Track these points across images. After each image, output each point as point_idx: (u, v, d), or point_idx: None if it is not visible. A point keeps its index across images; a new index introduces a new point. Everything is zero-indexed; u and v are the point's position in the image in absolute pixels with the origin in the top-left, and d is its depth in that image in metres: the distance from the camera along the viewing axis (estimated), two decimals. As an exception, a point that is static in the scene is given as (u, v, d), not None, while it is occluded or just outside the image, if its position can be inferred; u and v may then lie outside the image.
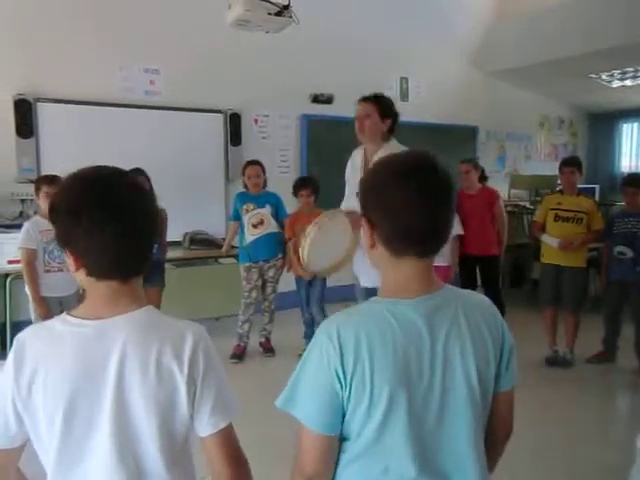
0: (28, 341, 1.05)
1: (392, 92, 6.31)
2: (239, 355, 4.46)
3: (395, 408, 1.01)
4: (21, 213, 4.51)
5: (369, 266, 1.17)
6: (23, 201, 4.52)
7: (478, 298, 1.17)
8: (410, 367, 1.02)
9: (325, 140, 5.88)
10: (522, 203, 6.86)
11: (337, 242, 2.65)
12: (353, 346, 1.01)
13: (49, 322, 1.08)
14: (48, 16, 4.58)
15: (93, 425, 1.02)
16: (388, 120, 2.94)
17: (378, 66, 6.09)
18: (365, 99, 3.00)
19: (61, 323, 1.05)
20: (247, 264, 4.47)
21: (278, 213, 4.53)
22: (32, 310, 3.49)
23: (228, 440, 1.08)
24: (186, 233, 5.06)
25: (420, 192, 1.03)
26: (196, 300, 4.64)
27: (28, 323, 3.54)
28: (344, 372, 1.00)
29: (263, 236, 4.43)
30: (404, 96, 6.50)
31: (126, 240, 1.03)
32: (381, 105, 2.95)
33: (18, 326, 4.34)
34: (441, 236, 1.09)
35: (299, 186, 4.48)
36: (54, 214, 1.05)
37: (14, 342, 1.06)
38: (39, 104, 4.57)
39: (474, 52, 6.94)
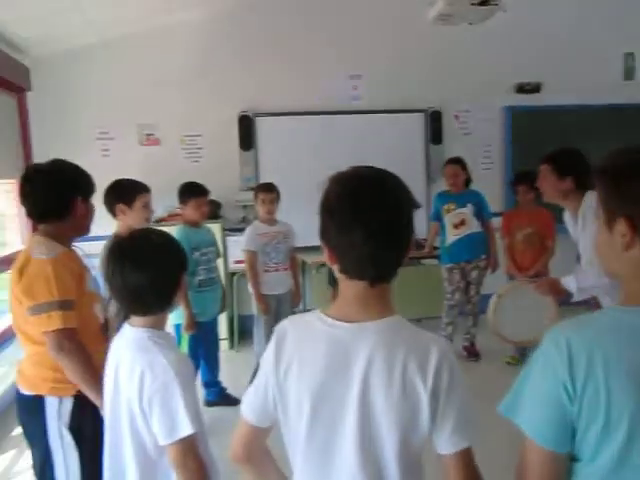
0: (289, 331, 1.12)
1: (614, 71, 5.62)
2: None
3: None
4: (244, 218, 5.05)
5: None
6: (245, 207, 5.05)
7: None
8: None
9: (532, 132, 5.46)
10: None
11: (534, 313, 2.54)
12: (585, 358, 0.91)
13: (306, 316, 1.14)
14: (263, 41, 5.04)
15: (338, 421, 1.05)
16: (568, 178, 2.52)
17: (594, 43, 5.44)
18: (543, 159, 2.63)
19: (318, 320, 1.09)
20: (449, 265, 4.37)
21: (481, 212, 4.35)
22: (254, 306, 3.86)
23: (467, 462, 1.05)
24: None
25: None
26: (398, 301, 4.61)
27: (251, 318, 4.00)
28: (573, 386, 0.91)
29: (465, 236, 4.30)
30: (629, 74, 5.70)
31: (373, 243, 1.01)
32: (556, 165, 2.56)
33: (243, 320, 4.88)
34: None
35: (516, 181, 4.24)
36: (320, 206, 1.08)
37: (276, 330, 1.15)
38: (257, 118, 5.07)
39: None
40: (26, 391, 1.82)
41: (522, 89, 5.57)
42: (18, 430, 3.32)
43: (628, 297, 0.98)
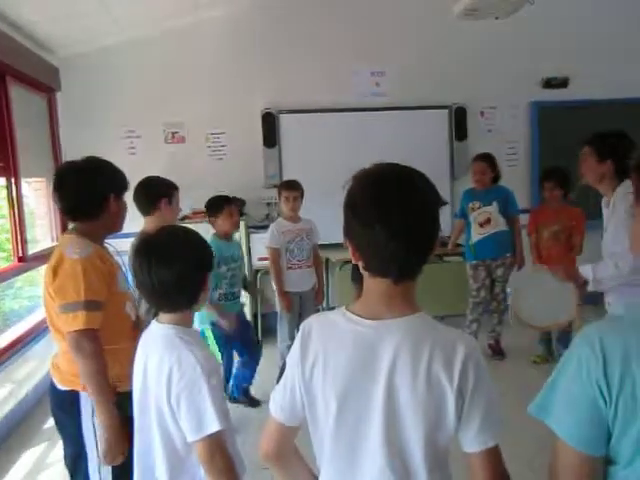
0: (314, 328, 1.12)
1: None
2: None
3: None
4: (267, 215, 5.07)
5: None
6: (269, 204, 5.08)
7: None
8: None
9: (559, 128, 5.36)
10: None
11: (554, 299, 2.59)
12: (620, 358, 0.89)
13: (331, 314, 1.14)
14: (285, 38, 5.06)
15: (364, 419, 1.05)
16: (607, 161, 2.47)
17: (623, 36, 5.30)
18: (585, 142, 2.58)
19: (342, 317, 1.09)
20: (474, 262, 4.33)
21: (507, 208, 4.29)
22: (277, 303, 3.87)
23: (495, 460, 1.04)
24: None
25: None
26: (421, 298, 4.57)
27: (274, 315, 4.02)
28: (608, 387, 0.89)
29: (491, 235, 4.25)
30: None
31: (396, 243, 1.00)
32: (596, 147, 2.52)
33: (266, 317, 4.91)
34: None
35: (543, 178, 4.16)
36: (344, 203, 1.08)
37: (301, 327, 1.15)
38: (281, 116, 5.08)
39: None
40: (61, 386, 1.84)
41: (549, 84, 5.47)
42: (49, 423, 3.42)
43: None
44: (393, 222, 1.00)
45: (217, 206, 3.49)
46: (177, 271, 1.40)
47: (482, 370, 1.03)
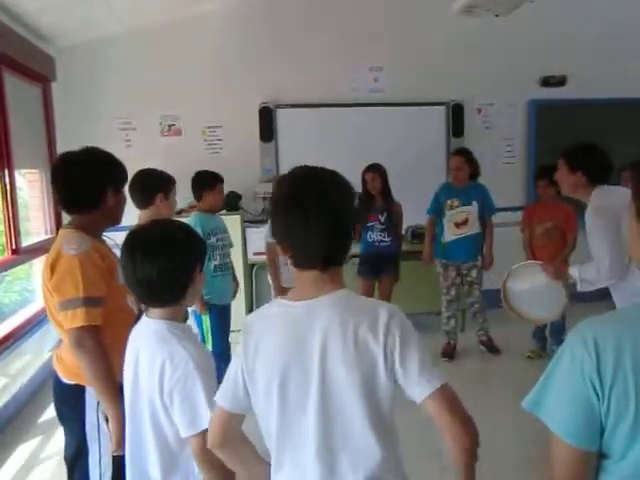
0: (252, 321, 1.22)
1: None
2: (449, 353, 4.33)
3: None
4: (263, 210, 5.05)
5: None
6: (265, 199, 5.05)
7: None
8: None
9: (556, 126, 5.36)
10: None
11: (543, 295, 2.85)
12: (613, 354, 0.90)
13: (267, 305, 1.23)
14: (284, 33, 5.02)
15: (304, 392, 1.12)
16: (578, 172, 2.54)
17: (621, 36, 5.31)
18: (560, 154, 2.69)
19: (277, 305, 1.20)
20: (443, 261, 4.29)
21: (485, 210, 4.22)
22: (273, 298, 3.84)
23: (449, 397, 1.10)
24: (408, 227, 5.10)
25: None
26: (399, 296, 4.49)
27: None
28: (601, 382, 0.90)
29: (465, 237, 4.19)
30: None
31: (315, 237, 1.11)
32: (567, 159, 2.61)
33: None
34: None
35: (537, 175, 4.14)
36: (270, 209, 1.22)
37: (243, 323, 1.23)
38: (279, 110, 5.06)
39: None
40: (66, 380, 1.83)
41: (547, 82, 5.48)
42: (44, 417, 3.40)
43: None
44: (310, 219, 1.11)
45: (210, 181, 3.48)
46: (159, 267, 1.37)
47: (406, 327, 1.12)
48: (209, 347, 3.35)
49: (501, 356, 4.36)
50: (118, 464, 1.57)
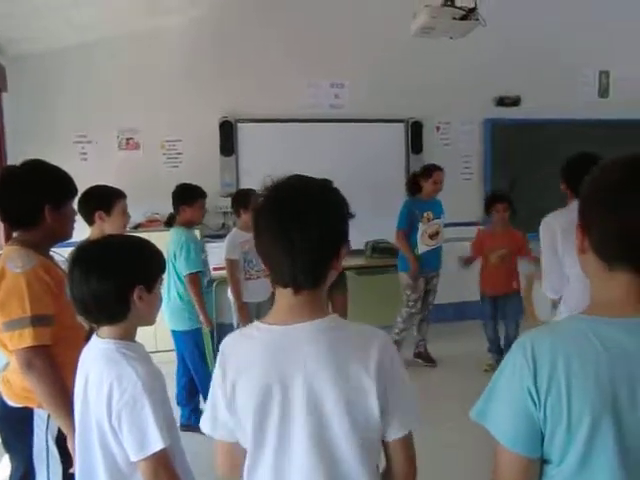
0: (229, 347, 1.17)
1: (589, 89, 5.75)
2: None
3: (599, 436, 0.92)
4: (223, 225, 5.00)
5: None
6: (225, 213, 5.01)
7: None
8: (619, 393, 0.91)
9: (512, 144, 5.57)
10: None
11: None
12: (548, 363, 0.95)
13: (246, 329, 1.19)
14: (242, 48, 5.02)
15: (286, 421, 1.08)
16: (563, 183, 2.64)
17: (571, 60, 5.57)
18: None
19: (256, 330, 1.14)
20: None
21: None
22: (234, 314, 3.81)
23: (410, 444, 1.14)
24: (368, 242, 5.14)
25: None
26: (376, 308, 4.64)
27: (230, 326, 3.95)
28: (537, 391, 0.95)
29: (436, 248, 4.36)
30: (604, 92, 5.84)
31: (298, 253, 1.06)
32: (561, 169, 2.68)
33: (222, 328, 4.80)
34: None
35: (496, 199, 4.24)
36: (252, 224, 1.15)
37: (220, 348, 1.18)
38: (239, 124, 5.05)
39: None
40: (12, 402, 1.75)
41: (502, 102, 5.66)
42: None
43: (592, 306, 1.02)
44: (294, 238, 1.05)
45: (193, 196, 3.46)
46: (90, 289, 1.33)
47: (397, 363, 1.11)
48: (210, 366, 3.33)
49: (460, 369, 4.41)
50: None
